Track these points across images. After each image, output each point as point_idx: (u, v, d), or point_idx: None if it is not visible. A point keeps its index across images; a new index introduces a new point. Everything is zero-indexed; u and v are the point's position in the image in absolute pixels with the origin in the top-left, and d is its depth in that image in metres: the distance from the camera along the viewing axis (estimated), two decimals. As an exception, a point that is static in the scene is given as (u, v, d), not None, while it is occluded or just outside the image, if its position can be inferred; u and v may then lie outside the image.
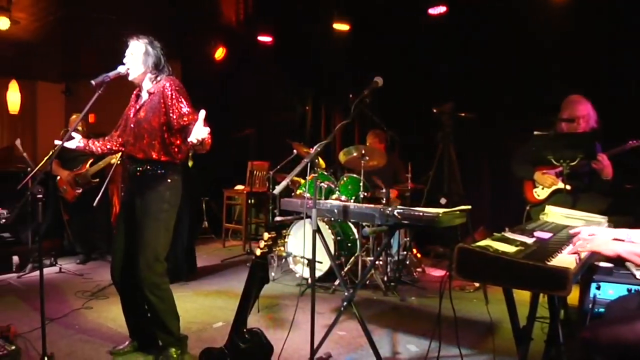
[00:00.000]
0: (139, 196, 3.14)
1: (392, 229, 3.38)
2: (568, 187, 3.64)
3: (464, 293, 4.97)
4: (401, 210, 3.11)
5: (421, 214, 3.01)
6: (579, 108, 3.82)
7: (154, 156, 3.11)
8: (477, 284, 4.99)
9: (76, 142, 3.37)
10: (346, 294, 3.29)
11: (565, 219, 3.01)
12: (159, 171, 3.13)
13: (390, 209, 3.16)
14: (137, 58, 3.13)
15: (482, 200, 6.25)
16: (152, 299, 3.13)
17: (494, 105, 5.73)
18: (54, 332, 3.69)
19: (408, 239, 5.58)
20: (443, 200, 4.86)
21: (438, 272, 5.86)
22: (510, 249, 2.00)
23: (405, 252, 5.55)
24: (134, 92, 3.31)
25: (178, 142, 3.16)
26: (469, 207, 3.29)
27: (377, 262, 5.20)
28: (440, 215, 2.95)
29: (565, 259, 1.95)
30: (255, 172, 7.53)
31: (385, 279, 5.13)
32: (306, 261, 5.10)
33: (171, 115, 3.04)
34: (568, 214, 3.10)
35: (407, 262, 5.61)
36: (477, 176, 6.35)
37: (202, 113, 2.76)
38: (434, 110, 4.92)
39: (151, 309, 3.19)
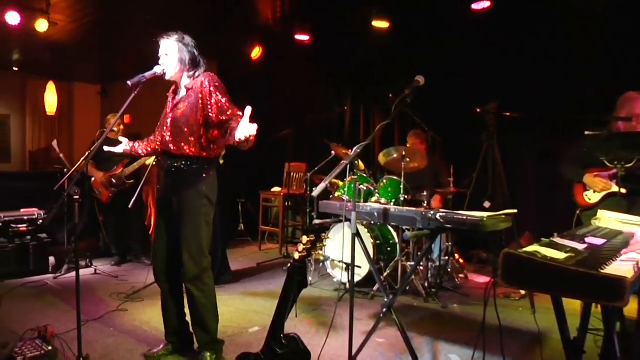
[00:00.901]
0: (175, 193, 3.14)
1: (434, 233, 3.30)
2: (623, 190, 3.44)
3: (509, 301, 4.79)
4: (444, 214, 3.04)
5: (465, 217, 2.94)
6: (637, 106, 3.62)
7: (190, 151, 3.09)
8: (523, 292, 4.81)
9: (123, 146, 3.47)
10: (386, 299, 3.26)
11: (620, 225, 2.82)
12: (194, 166, 3.11)
13: (432, 212, 3.08)
14: (172, 57, 3.11)
15: (529, 204, 6.01)
16: (195, 292, 3.14)
17: (541, 104, 5.54)
18: (89, 333, 3.70)
19: (450, 243, 5.43)
20: (487, 204, 4.69)
21: (481, 279, 5.69)
22: (559, 255, 1.88)
23: (447, 258, 5.39)
24: (171, 89, 3.29)
25: (215, 137, 3.12)
26: (515, 210, 3.17)
27: (417, 268, 5.06)
28: (484, 219, 2.86)
29: (621, 267, 1.80)
30: (292, 173, 7.47)
31: (426, 284, 4.99)
32: (344, 265, 5.01)
33: (210, 110, 3.02)
34: (623, 219, 2.91)
35: (449, 268, 5.45)
36: (523, 178, 6.11)
37: (248, 110, 2.70)
38: (478, 110, 4.76)
39: (192, 304, 3.19)
